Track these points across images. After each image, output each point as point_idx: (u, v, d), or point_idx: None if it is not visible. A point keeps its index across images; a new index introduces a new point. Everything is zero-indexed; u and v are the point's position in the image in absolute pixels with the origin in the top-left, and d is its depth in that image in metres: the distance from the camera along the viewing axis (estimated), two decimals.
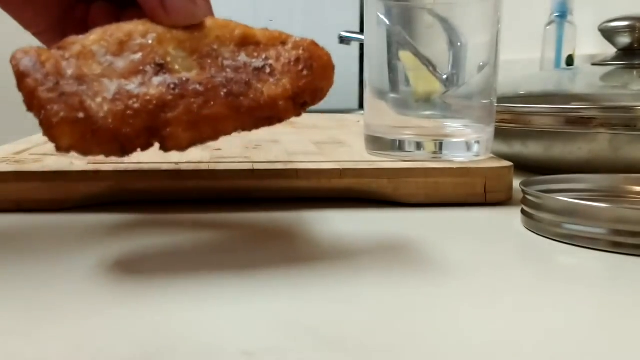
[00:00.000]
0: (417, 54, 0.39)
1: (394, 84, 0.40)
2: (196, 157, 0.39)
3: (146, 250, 0.28)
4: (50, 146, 0.47)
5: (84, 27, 0.28)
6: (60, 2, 0.32)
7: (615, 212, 0.28)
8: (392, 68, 0.40)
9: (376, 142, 0.41)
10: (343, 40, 1.38)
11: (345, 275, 0.25)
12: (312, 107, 0.28)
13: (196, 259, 0.27)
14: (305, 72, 0.26)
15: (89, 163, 0.37)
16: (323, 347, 0.18)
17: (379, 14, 0.39)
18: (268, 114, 0.25)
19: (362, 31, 1.29)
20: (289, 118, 0.26)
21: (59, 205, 0.35)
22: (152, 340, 0.19)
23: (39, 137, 0.51)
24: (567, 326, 0.20)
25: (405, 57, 0.39)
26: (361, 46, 1.59)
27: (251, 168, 0.36)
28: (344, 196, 0.37)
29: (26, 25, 0.32)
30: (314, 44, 0.27)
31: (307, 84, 0.26)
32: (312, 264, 0.26)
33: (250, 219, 0.34)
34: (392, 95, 0.40)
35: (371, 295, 0.23)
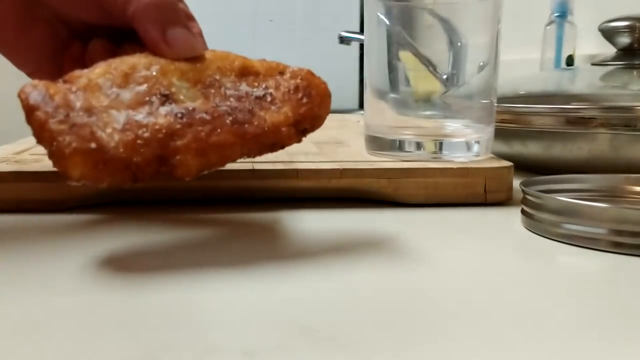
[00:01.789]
0: (417, 54, 0.39)
1: (394, 84, 0.40)
2: None
3: (146, 250, 0.28)
4: None
5: (80, 65, 0.29)
6: (53, 41, 0.32)
7: (615, 212, 0.28)
8: (392, 68, 0.40)
9: (376, 142, 0.41)
10: (343, 40, 1.38)
11: (345, 275, 0.25)
12: None
13: (196, 259, 0.27)
14: (304, 100, 0.27)
15: None
16: (323, 347, 0.18)
17: (379, 14, 0.39)
18: (272, 141, 0.27)
19: (362, 31, 1.29)
20: (291, 144, 0.27)
21: (59, 205, 0.35)
22: (152, 340, 0.19)
23: None
24: (567, 326, 0.20)
25: (405, 57, 0.39)
26: (361, 46, 1.59)
27: (251, 168, 0.36)
28: (344, 196, 0.37)
29: (19, 65, 0.32)
30: (310, 73, 0.28)
31: (307, 111, 0.27)
32: (313, 264, 0.26)
33: (251, 218, 0.34)
34: (392, 95, 0.40)
35: (371, 295, 0.23)
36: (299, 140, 0.28)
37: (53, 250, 0.28)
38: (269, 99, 0.27)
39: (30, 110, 0.22)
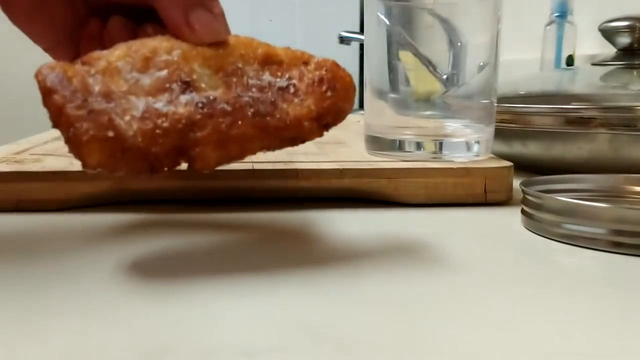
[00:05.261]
0: (417, 54, 0.39)
1: (394, 84, 0.40)
2: None
3: (145, 250, 0.28)
4: (50, 146, 0.47)
5: (98, 43, 0.28)
6: (71, 17, 0.31)
7: (615, 212, 0.28)
8: (392, 68, 0.40)
9: (376, 142, 0.41)
10: (343, 40, 1.38)
11: (346, 275, 0.25)
12: None
13: (196, 259, 0.27)
14: (329, 93, 0.26)
15: None
16: (323, 347, 0.18)
17: (379, 14, 0.39)
18: (293, 135, 0.26)
19: (362, 31, 1.28)
20: (312, 139, 0.26)
21: (59, 205, 0.35)
22: (152, 340, 0.19)
23: (39, 137, 0.51)
24: (566, 326, 0.20)
25: (405, 57, 0.39)
26: (361, 46, 1.58)
27: (251, 168, 0.36)
28: (344, 196, 0.37)
29: (35, 39, 0.31)
30: (335, 64, 0.27)
31: (331, 104, 0.26)
32: (312, 263, 0.26)
33: (251, 219, 0.34)
34: (392, 95, 0.40)
35: (371, 295, 0.23)
36: (321, 135, 0.27)
37: (52, 250, 0.28)
38: (292, 90, 0.26)
39: (47, 93, 0.22)
